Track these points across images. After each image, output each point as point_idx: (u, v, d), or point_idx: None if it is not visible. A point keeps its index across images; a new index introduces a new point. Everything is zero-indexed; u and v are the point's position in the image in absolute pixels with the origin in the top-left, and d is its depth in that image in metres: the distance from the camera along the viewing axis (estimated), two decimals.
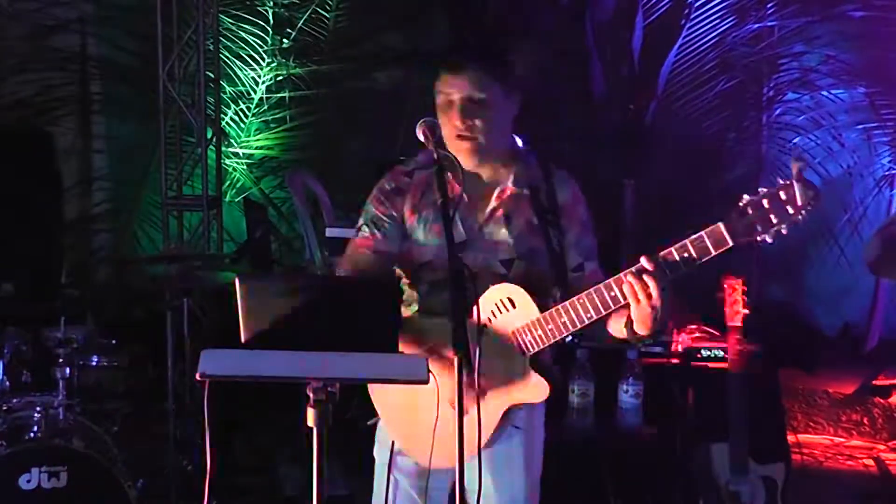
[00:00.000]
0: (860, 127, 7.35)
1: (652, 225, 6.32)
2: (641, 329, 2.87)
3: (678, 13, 7.15)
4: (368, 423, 3.26)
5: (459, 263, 2.75)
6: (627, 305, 2.84)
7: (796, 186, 2.56)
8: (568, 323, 2.94)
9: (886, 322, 7.08)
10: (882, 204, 7.16)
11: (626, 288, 2.81)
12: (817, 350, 7.53)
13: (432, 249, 3.10)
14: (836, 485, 5.77)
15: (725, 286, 4.33)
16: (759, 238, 2.62)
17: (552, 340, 2.99)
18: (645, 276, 2.78)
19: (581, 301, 2.90)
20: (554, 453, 3.44)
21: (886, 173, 7.23)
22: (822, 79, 7.47)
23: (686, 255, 2.73)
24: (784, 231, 2.60)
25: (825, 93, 7.51)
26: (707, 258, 2.70)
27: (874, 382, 6.82)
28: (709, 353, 4.86)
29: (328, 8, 7.35)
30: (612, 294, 2.85)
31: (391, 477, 3.20)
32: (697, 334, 4.96)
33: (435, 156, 2.95)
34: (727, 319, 4.51)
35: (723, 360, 4.74)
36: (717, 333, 4.83)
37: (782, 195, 2.59)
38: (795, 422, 6.50)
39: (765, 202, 2.61)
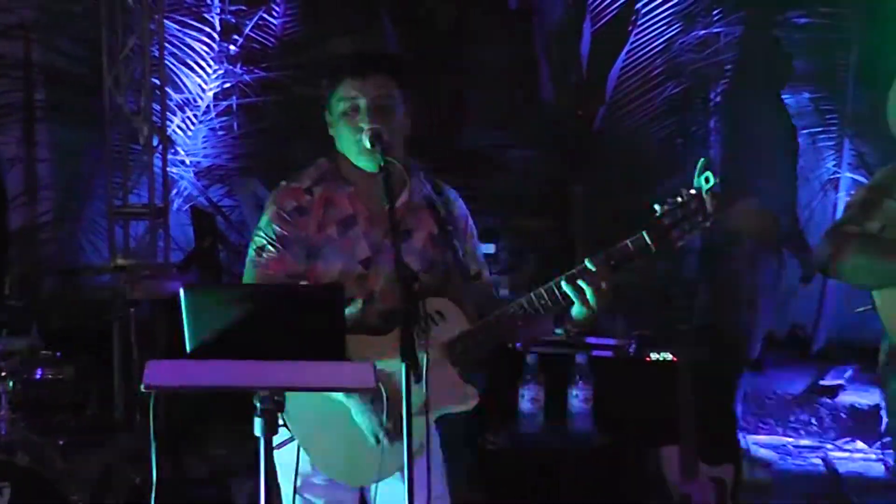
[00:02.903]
0: (805, 131, 7.43)
1: (601, 229, 6.35)
2: (580, 324, 2.97)
3: (626, 19, 7.19)
4: (275, 446, 3.19)
5: (408, 271, 2.75)
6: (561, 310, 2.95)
7: (705, 197, 2.80)
8: (500, 333, 3.01)
9: (833, 323, 7.15)
10: (828, 206, 7.23)
11: (568, 290, 2.90)
12: (765, 351, 7.60)
13: (339, 266, 3.08)
14: (784, 484, 5.81)
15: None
16: (675, 244, 2.87)
17: (484, 350, 3.03)
18: (592, 279, 2.89)
19: (511, 310, 2.97)
20: (505, 460, 3.44)
21: (832, 177, 7.30)
22: None
23: (612, 262, 2.91)
24: (693, 236, 2.86)
25: None
26: (633, 263, 2.90)
27: (822, 382, 6.89)
28: (658, 356, 4.88)
29: (275, 14, 7.32)
30: (543, 302, 2.94)
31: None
32: (648, 338, 5.00)
33: (382, 163, 2.94)
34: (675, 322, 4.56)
35: (673, 363, 4.78)
36: (668, 337, 4.86)
37: (693, 204, 2.83)
38: (745, 423, 6.55)
39: (678, 212, 2.84)
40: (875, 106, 3.54)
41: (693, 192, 2.82)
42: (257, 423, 2.63)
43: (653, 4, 7.18)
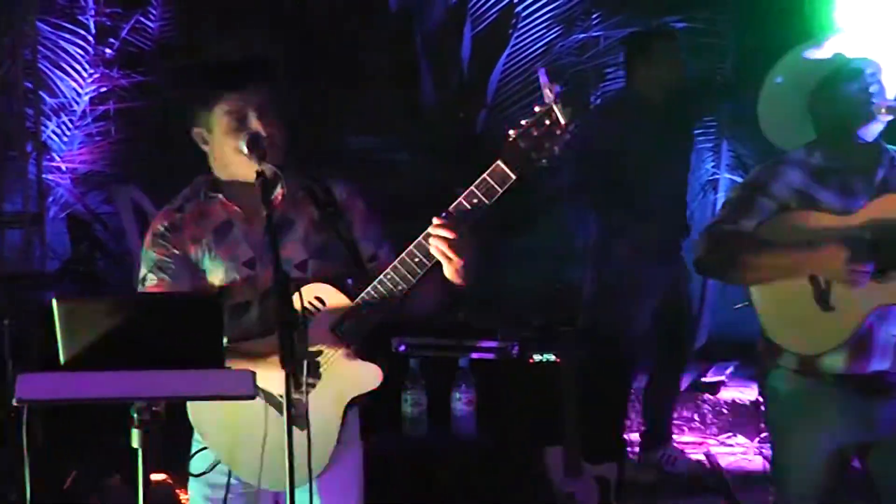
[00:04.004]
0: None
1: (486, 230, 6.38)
2: (457, 281, 2.91)
3: (506, 23, 7.22)
4: (200, 473, 3.15)
5: (283, 275, 2.73)
6: (435, 267, 2.89)
7: (555, 108, 2.68)
8: (383, 302, 2.94)
9: (714, 320, 7.28)
10: (707, 207, 7.35)
11: (432, 249, 2.85)
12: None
13: (221, 273, 3.06)
14: (667, 480, 5.89)
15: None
16: (537, 164, 2.75)
17: (372, 324, 2.99)
18: (443, 231, 2.82)
19: (388, 276, 2.92)
20: (389, 464, 3.43)
21: (710, 178, 7.43)
22: None
23: (476, 200, 2.83)
24: (557, 151, 2.73)
25: None
26: (496, 197, 2.80)
27: (704, 379, 7.00)
28: (541, 357, 4.92)
29: (152, 18, 7.19)
30: (417, 260, 2.88)
31: None
32: (531, 339, 5.03)
33: (260, 169, 2.90)
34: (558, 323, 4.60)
35: (555, 363, 4.82)
36: (552, 337, 4.89)
37: (546, 120, 2.71)
38: (629, 420, 6.63)
39: (533, 130, 2.72)
40: (751, 108, 3.61)
41: (543, 106, 2.73)
42: (134, 435, 2.59)
43: (533, 8, 7.23)
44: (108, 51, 7.14)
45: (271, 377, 2.80)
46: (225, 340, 2.94)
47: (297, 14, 7.20)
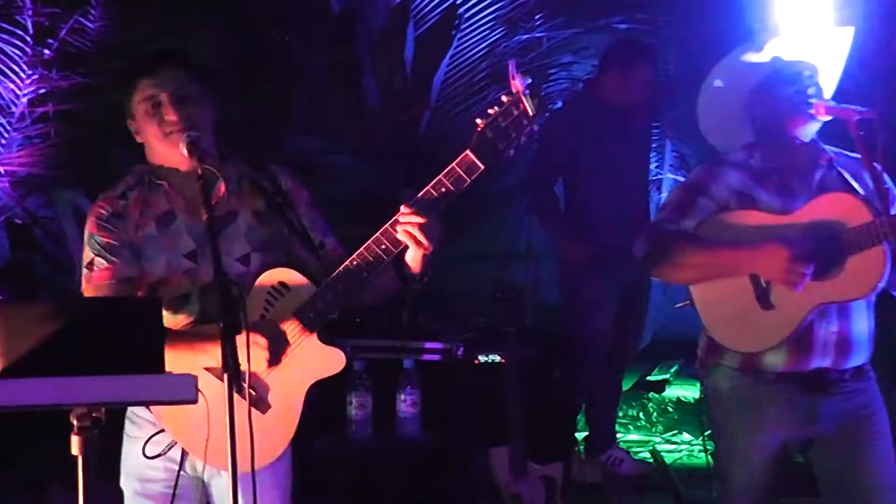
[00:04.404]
0: None
1: None
2: (417, 269, 2.96)
3: (449, 24, 7.23)
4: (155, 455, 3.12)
5: (222, 276, 2.72)
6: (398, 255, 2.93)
7: (524, 98, 2.72)
8: (346, 288, 2.96)
9: (658, 319, 7.33)
10: (651, 207, 7.41)
11: (400, 234, 2.88)
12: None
13: (163, 264, 3.05)
14: (614, 478, 5.92)
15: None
16: (504, 154, 2.79)
17: (335, 311, 3.01)
18: (414, 217, 2.85)
19: (355, 263, 2.93)
20: (335, 467, 3.42)
21: (654, 178, 7.48)
22: None
23: (444, 189, 2.85)
24: (523, 141, 2.78)
25: None
26: (465, 185, 2.83)
27: (649, 378, 7.05)
28: (486, 358, 4.93)
29: (91, 18, 7.10)
30: (383, 246, 2.90)
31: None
32: (475, 340, 5.03)
33: (199, 170, 2.89)
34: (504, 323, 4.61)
35: (500, 364, 4.83)
36: (496, 338, 4.90)
37: (514, 110, 2.75)
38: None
39: (500, 120, 2.76)
40: (693, 109, 3.64)
41: (511, 96, 2.76)
42: (74, 442, 2.57)
43: (475, 9, 7.24)
44: (46, 52, 7.04)
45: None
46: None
47: (239, 16, 7.16)
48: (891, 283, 3.33)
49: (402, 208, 2.87)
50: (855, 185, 3.43)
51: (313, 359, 3.04)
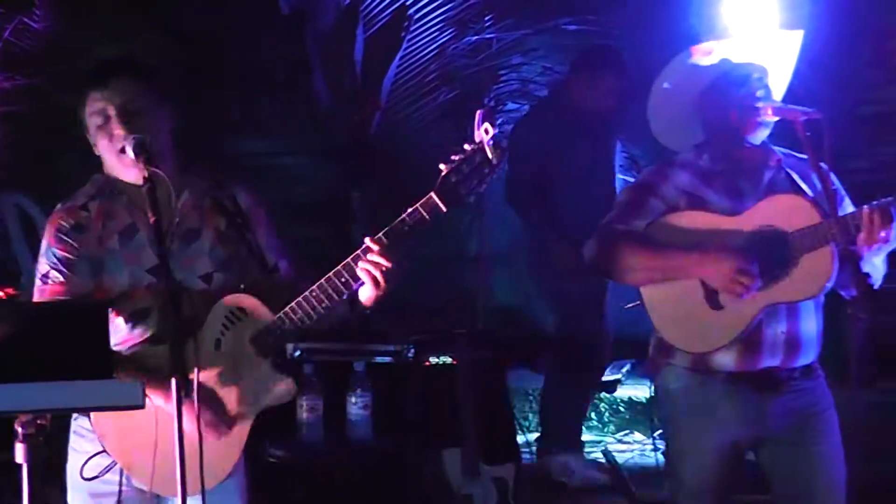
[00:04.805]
0: None
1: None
2: (370, 304, 2.98)
3: (399, 25, 7.22)
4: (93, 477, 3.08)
5: (175, 285, 2.70)
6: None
7: (487, 148, 2.78)
8: (304, 317, 2.96)
9: (609, 319, 7.34)
10: None
11: (361, 272, 2.89)
12: (546, 351, 7.74)
13: (126, 278, 3.02)
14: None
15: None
16: (465, 199, 2.87)
17: (291, 339, 3.04)
18: (379, 258, 2.87)
19: (314, 293, 2.94)
20: (286, 471, 3.41)
21: None
22: (541, 89, 7.70)
23: (406, 228, 2.87)
24: (482, 189, 2.86)
25: None
26: (424, 226, 2.87)
27: (601, 378, 7.05)
28: (437, 360, 4.92)
29: (36, 19, 7.02)
30: (343, 280, 2.92)
31: None
32: (426, 342, 5.02)
33: (146, 174, 2.86)
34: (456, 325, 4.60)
35: (452, 366, 4.82)
36: (447, 340, 4.90)
37: (477, 158, 2.81)
38: (527, 421, 6.66)
39: (464, 167, 2.82)
40: (643, 110, 3.65)
41: (475, 144, 2.81)
42: (19, 450, 2.55)
43: (425, 10, 7.24)
44: None
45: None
46: (124, 346, 2.98)
47: (187, 17, 7.11)
48: (839, 283, 3.36)
49: (367, 242, 2.88)
50: (803, 186, 3.45)
51: (263, 387, 3.04)
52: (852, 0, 6.94)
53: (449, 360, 4.88)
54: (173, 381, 2.61)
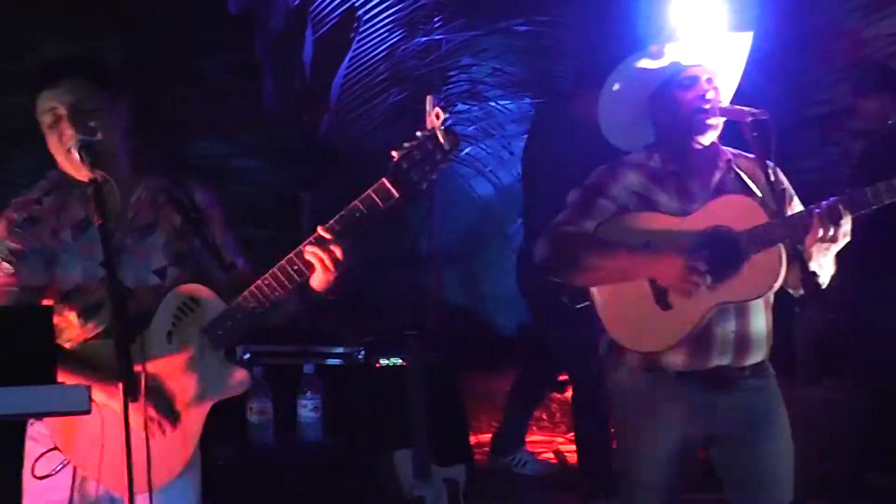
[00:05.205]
0: (527, 136, 7.63)
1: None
2: (320, 290, 2.97)
3: (348, 26, 7.20)
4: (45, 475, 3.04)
5: (117, 287, 2.67)
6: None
7: (439, 134, 2.77)
8: (257, 306, 2.97)
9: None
10: None
11: (310, 257, 2.89)
12: (497, 351, 7.76)
13: (79, 272, 3.01)
14: (517, 480, 5.94)
15: None
16: (418, 185, 2.84)
17: (244, 330, 3.01)
18: (329, 244, 2.87)
19: (266, 282, 2.94)
20: (236, 475, 3.39)
21: None
22: (491, 90, 7.73)
23: (358, 214, 2.86)
24: (435, 176, 2.83)
25: (494, 103, 7.78)
26: (379, 212, 2.86)
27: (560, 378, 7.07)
28: (388, 361, 4.91)
29: None
30: (296, 268, 2.92)
31: None
32: (377, 344, 5.01)
33: (94, 176, 2.86)
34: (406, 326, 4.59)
35: (402, 367, 4.81)
36: (398, 341, 4.89)
37: (429, 145, 2.79)
38: (478, 422, 6.66)
39: (416, 153, 2.80)
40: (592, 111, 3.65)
41: (427, 131, 2.80)
42: None
43: (374, 11, 7.22)
44: None
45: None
46: (77, 341, 2.98)
47: (137, 18, 7.05)
48: (787, 282, 3.38)
49: (319, 229, 2.88)
50: (752, 186, 3.47)
51: (217, 378, 3.04)
52: (801, 1, 7.01)
53: (399, 361, 4.87)
54: (120, 385, 2.58)
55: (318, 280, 2.95)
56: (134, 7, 7.08)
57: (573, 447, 6.47)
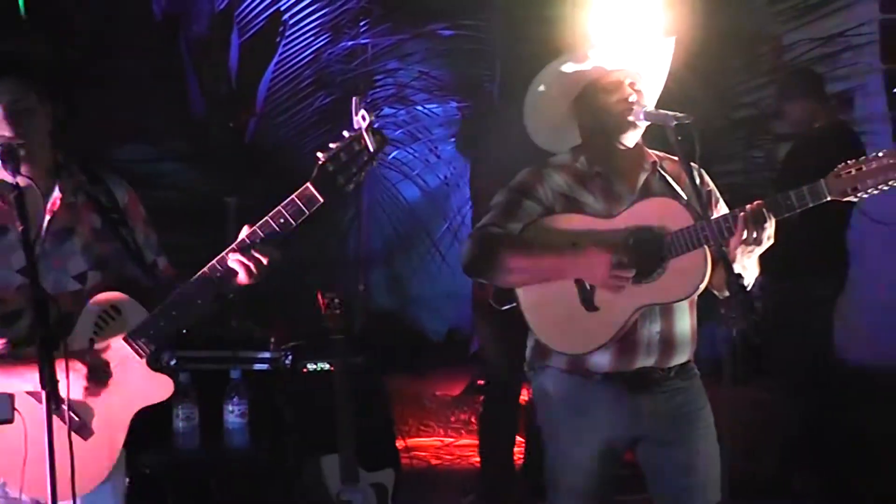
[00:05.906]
0: (454, 139, 7.66)
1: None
2: (238, 287, 2.96)
3: (274, 31, 7.16)
4: None
5: (39, 292, 2.63)
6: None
7: (365, 135, 2.78)
8: (180, 314, 2.96)
9: None
10: None
11: (233, 264, 2.88)
12: (425, 355, 7.77)
13: None
14: (445, 483, 5.94)
15: (320, 299, 4.40)
16: (344, 188, 2.85)
17: (169, 335, 3.00)
18: (252, 251, 2.87)
19: (189, 289, 2.93)
20: (161, 482, 3.35)
21: None
22: (417, 94, 7.73)
23: (283, 220, 2.86)
24: (362, 177, 2.84)
25: (420, 107, 7.79)
26: (303, 218, 2.87)
27: (479, 382, 7.09)
28: (315, 366, 4.89)
29: None
30: (219, 275, 2.91)
31: None
32: (304, 349, 4.99)
33: (17, 181, 2.82)
34: (332, 332, 4.57)
35: (329, 372, 4.80)
36: (325, 346, 4.87)
37: (355, 146, 2.79)
38: (406, 426, 6.66)
39: (342, 155, 2.80)
40: (519, 114, 3.67)
41: (353, 132, 2.80)
42: None
43: (300, 16, 7.19)
44: None
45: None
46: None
47: (60, 19, 6.94)
48: (712, 283, 3.41)
49: (243, 232, 2.87)
50: (677, 188, 3.50)
51: (141, 385, 3.01)
52: (727, 5, 7.10)
53: (327, 366, 4.86)
54: (43, 394, 2.55)
55: (243, 280, 2.93)
56: (58, 9, 6.96)
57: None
